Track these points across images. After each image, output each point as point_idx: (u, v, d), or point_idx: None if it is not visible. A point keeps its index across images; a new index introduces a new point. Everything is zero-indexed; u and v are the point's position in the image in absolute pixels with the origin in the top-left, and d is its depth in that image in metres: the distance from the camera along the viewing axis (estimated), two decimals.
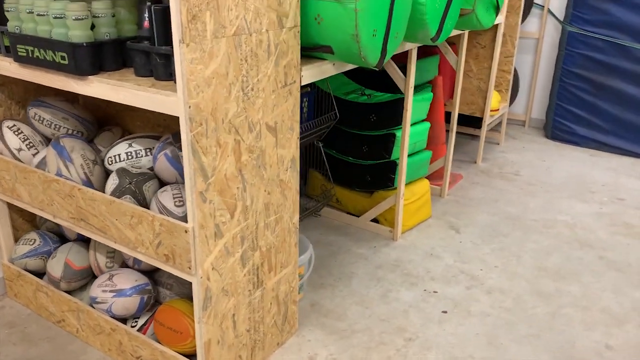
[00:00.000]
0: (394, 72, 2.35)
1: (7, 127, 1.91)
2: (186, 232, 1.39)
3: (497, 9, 2.44)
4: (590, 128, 3.94)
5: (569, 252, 2.56)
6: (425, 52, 3.21)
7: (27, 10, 1.50)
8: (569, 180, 3.40)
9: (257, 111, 1.49)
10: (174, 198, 1.53)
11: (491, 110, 3.62)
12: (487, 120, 3.57)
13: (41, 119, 1.90)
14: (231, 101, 1.39)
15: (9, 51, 1.67)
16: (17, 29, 1.55)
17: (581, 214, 2.95)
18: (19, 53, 1.56)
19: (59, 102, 1.94)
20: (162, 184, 1.70)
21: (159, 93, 1.31)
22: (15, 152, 1.89)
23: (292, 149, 1.69)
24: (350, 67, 1.87)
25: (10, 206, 2.09)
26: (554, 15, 4.17)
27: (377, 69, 2.21)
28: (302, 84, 1.65)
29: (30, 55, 1.53)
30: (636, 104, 3.73)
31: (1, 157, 1.87)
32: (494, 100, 3.63)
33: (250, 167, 1.52)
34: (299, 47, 1.60)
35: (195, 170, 1.33)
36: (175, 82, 1.37)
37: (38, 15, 1.47)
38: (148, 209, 1.58)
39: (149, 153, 1.74)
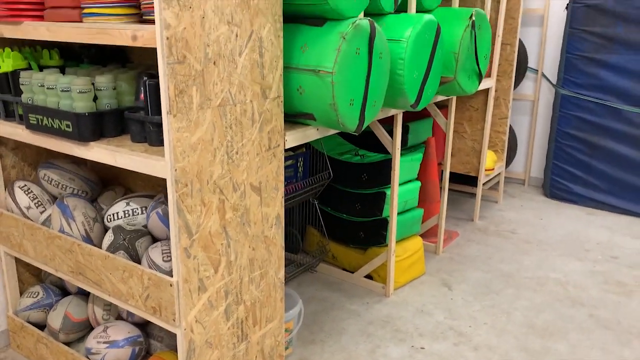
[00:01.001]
0: (382, 134, 2.49)
1: (19, 186, 2.07)
2: (171, 285, 1.50)
3: (480, 76, 2.59)
4: (586, 187, 4.02)
5: (560, 310, 2.59)
6: (419, 114, 3.37)
7: (39, 84, 1.68)
8: (565, 239, 3.45)
9: (241, 172, 1.63)
10: (162, 253, 1.64)
11: (486, 170, 3.72)
12: (483, 180, 3.67)
13: (50, 179, 2.06)
14: (216, 164, 1.53)
15: (23, 119, 1.85)
16: (29, 100, 1.73)
17: (574, 272, 2.99)
18: (31, 121, 1.73)
19: (66, 164, 2.11)
20: (155, 240, 1.82)
21: (150, 158, 1.46)
22: (25, 210, 2.04)
23: (276, 207, 1.81)
24: (333, 131, 2.02)
25: (18, 260, 2.22)
26: (547, 79, 4.34)
27: (356, 134, 2.35)
28: (286, 147, 1.79)
29: (40, 123, 1.70)
30: (630, 163, 3.82)
31: (11, 215, 2.01)
32: (489, 160, 3.74)
33: (234, 224, 1.64)
34: (283, 114, 1.75)
35: (179, 228, 1.45)
36: None
37: (48, 88, 1.65)
38: (140, 263, 1.70)
39: (144, 211, 1.88)
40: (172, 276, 1.52)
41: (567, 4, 3.93)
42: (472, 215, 3.83)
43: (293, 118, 1.87)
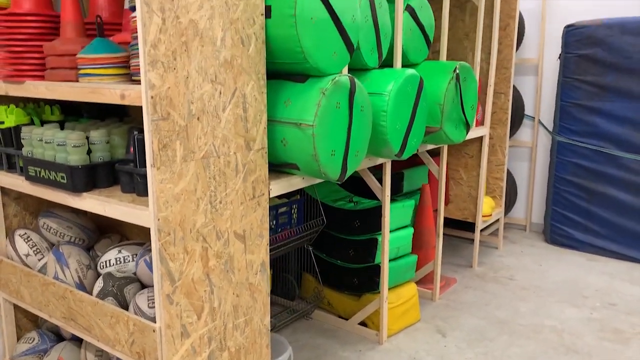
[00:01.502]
0: (371, 181, 2.56)
1: (19, 234, 2.16)
2: (154, 331, 1.55)
3: (467, 126, 2.68)
4: (586, 233, 4.02)
5: (553, 358, 2.57)
6: (415, 161, 3.45)
7: (38, 139, 1.79)
8: (563, 285, 3.44)
9: (225, 221, 1.70)
10: (148, 300, 1.70)
11: (483, 216, 3.76)
12: (481, 226, 3.70)
13: (49, 227, 2.15)
14: (199, 213, 1.61)
15: (23, 171, 1.96)
16: (29, 153, 1.84)
17: (571, 319, 2.97)
18: (30, 173, 1.84)
19: (65, 212, 2.20)
20: (143, 287, 1.88)
21: (135, 208, 1.54)
22: (24, 257, 2.12)
23: (261, 254, 1.87)
24: (318, 180, 2.09)
25: (16, 307, 2.29)
26: (544, 126, 4.42)
27: (338, 183, 2.42)
28: (271, 196, 1.87)
29: (38, 175, 1.80)
30: (629, 209, 3.83)
31: (10, 262, 2.10)
32: (486, 206, 3.78)
33: (218, 271, 1.70)
34: (267, 165, 1.83)
35: (162, 275, 1.52)
36: None
37: (46, 142, 1.76)
38: (127, 310, 1.76)
39: (134, 258, 1.95)
40: (155, 322, 1.57)
41: (560, 54, 4.05)
42: (471, 261, 3.84)
43: (278, 167, 1.96)
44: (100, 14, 1.94)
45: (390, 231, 2.77)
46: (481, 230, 4.16)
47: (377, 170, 2.99)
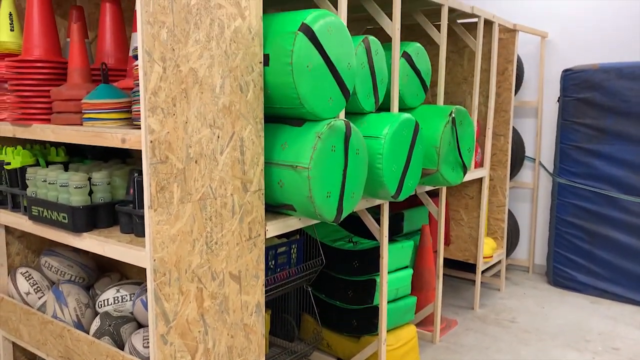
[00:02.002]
0: (369, 222, 2.59)
1: (21, 273, 2.19)
2: None
3: (464, 168, 2.72)
4: (589, 275, 4.00)
5: None
6: (416, 202, 3.48)
7: (42, 179, 1.85)
8: (566, 328, 3.40)
9: (220, 262, 1.73)
10: (143, 340, 1.72)
11: (485, 257, 3.76)
12: (482, 267, 3.70)
13: (50, 266, 2.19)
14: (195, 254, 1.64)
15: (27, 210, 2.01)
16: (33, 194, 1.89)
17: None
18: (33, 212, 1.89)
19: (66, 251, 2.24)
20: (140, 326, 1.90)
21: (132, 248, 1.58)
22: (24, 295, 2.15)
23: (257, 295, 1.89)
24: (314, 221, 2.13)
25: (15, 345, 2.30)
26: (544, 168, 4.45)
27: (335, 224, 2.44)
28: (267, 236, 1.90)
29: (41, 215, 1.85)
30: (631, 252, 3.82)
31: (11, 301, 2.13)
32: (487, 247, 3.79)
33: (212, 312, 1.72)
34: (264, 206, 1.87)
35: (157, 315, 1.54)
36: None
37: (50, 183, 1.81)
38: (123, 349, 1.77)
39: (132, 298, 1.97)
40: None
41: (559, 97, 4.12)
42: (473, 303, 3.81)
43: (275, 208, 2.00)
44: (106, 60, 2.03)
45: (389, 272, 2.79)
46: (483, 272, 4.15)
47: (378, 210, 3.02)
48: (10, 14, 2.05)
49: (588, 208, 3.97)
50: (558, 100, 4.14)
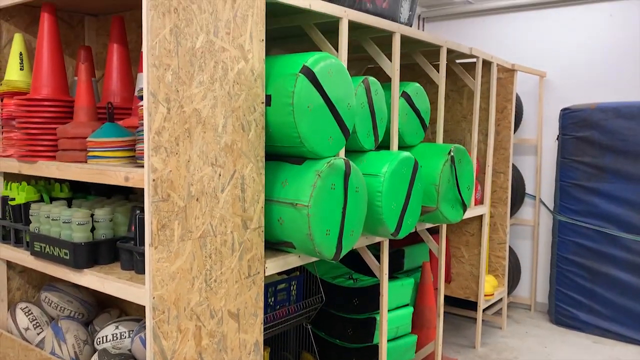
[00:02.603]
0: (369, 259, 2.59)
1: (20, 308, 2.20)
2: None
3: (464, 205, 2.74)
4: (591, 314, 3.96)
5: None
6: (416, 238, 3.48)
7: (45, 215, 1.87)
8: None
9: (219, 300, 1.74)
10: None
11: (486, 295, 3.74)
12: (483, 305, 3.67)
13: (50, 301, 2.19)
14: (194, 292, 1.65)
15: (29, 246, 2.03)
16: (36, 230, 1.91)
17: None
18: (35, 248, 1.90)
19: (67, 286, 2.25)
20: None
21: (132, 285, 1.59)
22: (23, 331, 2.15)
23: (255, 333, 1.89)
24: (314, 259, 2.14)
25: None
26: (544, 205, 4.47)
27: (333, 262, 2.44)
28: (267, 274, 1.91)
29: (43, 251, 1.87)
30: (632, 291, 3.79)
31: (9, 336, 2.12)
32: (489, 285, 3.77)
33: (210, 350, 1.72)
34: (263, 243, 1.89)
35: (155, 354, 1.54)
36: None
37: (53, 219, 1.84)
38: None
39: (131, 335, 1.97)
40: None
41: (558, 136, 4.17)
42: (474, 341, 3.77)
43: (275, 245, 2.01)
44: (112, 99, 2.08)
45: (389, 310, 2.77)
46: (484, 310, 4.11)
47: (378, 246, 3.03)
48: (21, 54, 2.11)
49: (589, 246, 3.97)
50: (557, 139, 4.18)
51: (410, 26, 2.74)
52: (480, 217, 3.70)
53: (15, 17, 2.22)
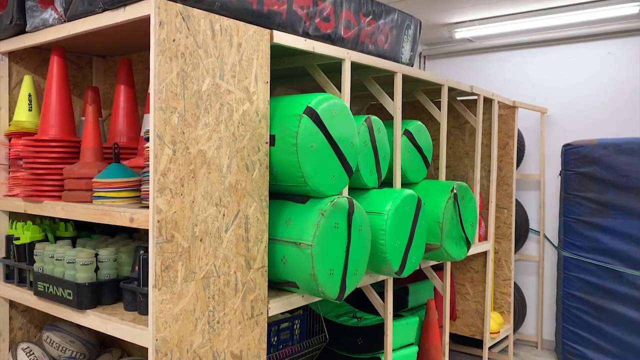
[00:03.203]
0: (373, 298, 2.57)
1: (22, 348, 2.18)
2: None
3: (468, 243, 2.73)
4: (599, 352, 3.90)
5: None
6: (421, 275, 3.46)
7: (50, 255, 1.88)
8: None
9: (222, 341, 1.72)
10: None
11: (491, 333, 3.69)
12: (489, 343, 3.62)
13: (52, 341, 2.18)
14: (197, 333, 1.64)
15: (32, 285, 2.03)
16: (40, 269, 1.92)
17: None
18: (39, 288, 1.90)
19: (69, 326, 2.23)
20: None
21: (135, 327, 1.58)
22: None
23: None
24: (317, 298, 2.12)
25: None
26: (549, 240, 4.45)
27: (337, 301, 2.42)
28: (270, 315, 1.90)
29: (46, 291, 1.87)
30: (639, 328, 3.74)
31: None
32: (494, 322, 3.72)
33: None
34: (267, 283, 1.88)
35: None
36: None
37: (57, 259, 1.84)
38: None
39: None
40: None
41: (560, 171, 4.18)
42: None
43: (278, 285, 2.01)
44: (118, 139, 2.11)
45: (394, 350, 2.74)
46: (490, 347, 4.05)
47: (382, 282, 3.01)
48: (30, 95, 2.15)
49: (594, 282, 3.93)
50: (560, 174, 4.19)
51: (412, 66, 2.79)
52: (484, 254, 3.68)
53: (25, 59, 2.27)
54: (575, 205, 4.05)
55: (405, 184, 2.77)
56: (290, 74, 2.92)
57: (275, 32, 1.88)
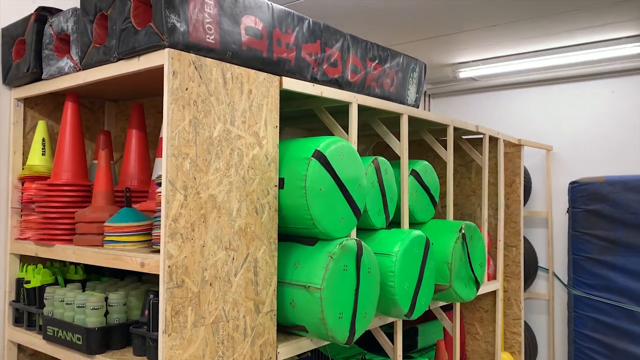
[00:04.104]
0: (382, 339, 2.55)
1: None
2: None
3: (477, 283, 2.71)
4: None
5: None
6: (430, 316, 3.43)
7: (60, 299, 1.88)
8: None
9: None
10: None
11: None
12: None
13: None
14: None
15: (42, 329, 2.03)
16: (50, 313, 1.92)
17: None
18: (48, 332, 1.90)
19: None
20: None
21: None
22: None
23: None
24: (326, 342, 2.11)
25: None
26: (558, 279, 4.41)
27: (347, 346, 2.38)
28: (279, 359, 1.89)
29: (56, 335, 1.87)
30: None
31: None
32: None
33: None
34: (275, 327, 1.88)
35: None
36: None
37: (67, 303, 1.85)
38: None
39: None
40: None
41: (568, 208, 4.17)
42: None
43: (287, 329, 1.99)
44: (129, 182, 2.14)
45: None
46: None
47: (391, 323, 2.98)
48: (43, 140, 2.20)
49: (606, 322, 3.88)
50: (567, 211, 4.18)
51: (417, 107, 2.83)
52: (493, 293, 3.65)
53: (40, 105, 2.33)
54: (584, 242, 4.03)
55: (413, 223, 2.77)
56: (299, 115, 2.97)
57: (284, 78, 1.92)
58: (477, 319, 3.71)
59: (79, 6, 1.91)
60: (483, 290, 3.35)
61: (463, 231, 2.62)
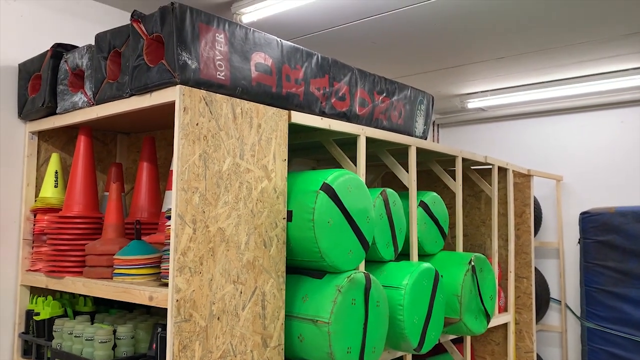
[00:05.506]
0: None
1: None
2: None
3: (487, 316, 2.68)
4: None
5: None
6: (440, 349, 3.37)
7: (69, 332, 1.89)
8: None
9: None
10: None
11: None
12: None
13: None
14: None
15: None
16: (58, 346, 1.92)
17: None
18: None
19: None
20: None
21: None
22: None
23: None
24: None
25: None
26: (571, 311, 4.34)
27: None
28: None
29: None
30: None
31: None
32: None
33: None
34: None
35: None
36: None
37: (76, 336, 1.85)
38: None
39: None
40: None
41: (579, 239, 4.13)
42: None
43: None
44: (140, 214, 2.16)
45: None
46: None
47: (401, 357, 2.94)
48: (56, 172, 2.23)
49: (621, 355, 3.79)
50: (579, 242, 4.14)
51: (425, 139, 2.85)
52: (505, 325, 3.59)
53: (53, 138, 2.37)
54: (596, 274, 3.97)
55: (423, 255, 2.76)
56: (307, 146, 2.99)
57: (293, 112, 1.95)
58: (488, 352, 3.65)
59: (93, 43, 1.97)
60: (494, 322, 3.30)
61: (473, 263, 2.60)
